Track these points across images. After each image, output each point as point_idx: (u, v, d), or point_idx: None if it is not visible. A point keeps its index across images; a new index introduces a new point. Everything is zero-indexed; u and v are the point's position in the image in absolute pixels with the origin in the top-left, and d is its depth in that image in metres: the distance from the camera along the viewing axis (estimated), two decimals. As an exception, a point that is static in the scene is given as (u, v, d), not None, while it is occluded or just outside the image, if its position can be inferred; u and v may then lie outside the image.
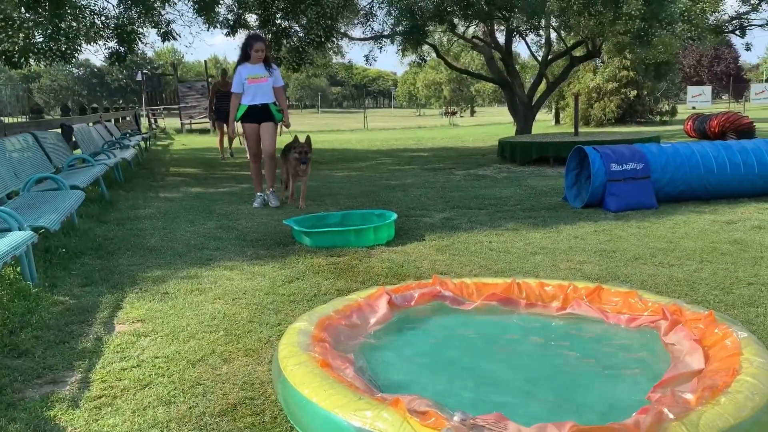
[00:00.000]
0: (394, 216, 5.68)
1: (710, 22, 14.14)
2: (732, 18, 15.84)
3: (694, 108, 31.92)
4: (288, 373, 2.37)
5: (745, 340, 2.52)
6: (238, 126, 7.62)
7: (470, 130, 28.19)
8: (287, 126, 7.38)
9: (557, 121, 30.67)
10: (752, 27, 15.59)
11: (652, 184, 6.87)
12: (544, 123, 30.67)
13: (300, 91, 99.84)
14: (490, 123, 36.15)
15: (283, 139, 7.82)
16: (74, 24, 9.65)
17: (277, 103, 7.21)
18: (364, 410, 2.03)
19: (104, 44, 10.76)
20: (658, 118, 28.79)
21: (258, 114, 7.11)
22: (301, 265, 4.72)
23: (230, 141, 13.94)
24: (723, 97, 58.57)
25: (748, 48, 19.91)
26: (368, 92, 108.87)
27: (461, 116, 54.81)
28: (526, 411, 2.30)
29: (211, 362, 2.96)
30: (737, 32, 15.74)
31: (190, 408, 2.50)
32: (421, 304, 3.43)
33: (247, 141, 7.50)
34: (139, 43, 10.86)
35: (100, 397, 2.61)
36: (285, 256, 4.98)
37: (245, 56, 7.04)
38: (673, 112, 29.87)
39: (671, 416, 1.91)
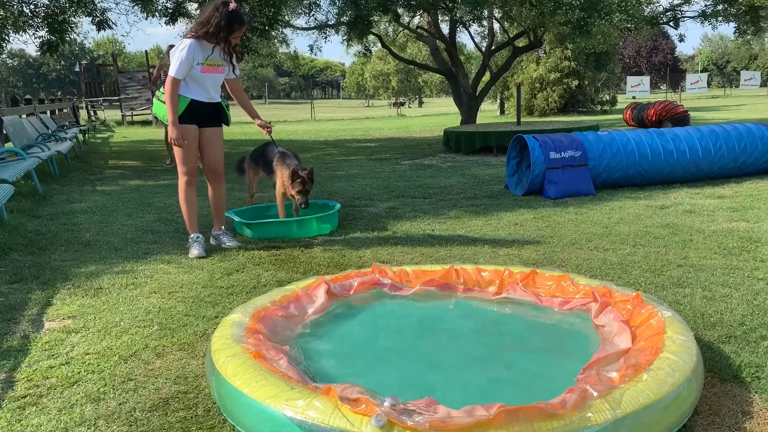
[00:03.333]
0: (338, 206, 5.66)
1: (645, 13, 14.56)
2: (666, 9, 16.37)
3: (634, 98, 32.81)
4: (220, 366, 2.33)
5: (669, 318, 2.61)
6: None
7: (417, 121, 28.32)
8: (269, 130, 5.25)
9: (502, 111, 31.11)
10: (685, 18, 16.17)
11: (589, 171, 7.04)
12: (489, 113, 31.07)
13: (246, 82, 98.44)
14: (438, 113, 36.39)
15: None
16: (0, 12, 9.22)
17: (225, 99, 5.09)
18: (296, 399, 2.02)
19: (34, 34, 10.32)
20: (599, 107, 29.55)
21: (205, 114, 4.75)
22: (241, 257, 4.66)
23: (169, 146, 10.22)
24: (661, 87, 60.43)
25: (681, 39, 20.65)
26: (316, 83, 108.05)
27: (409, 107, 55.06)
28: (460, 394, 2.33)
29: (143, 357, 2.89)
30: (671, 23, 16.27)
31: (120, 404, 2.44)
32: (360, 293, 3.43)
33: (180, 152, 4.70)
34: (72, 32, 10.45)
35: (24, 397, 2.51)
36: (225, 249, 4.90)
37: (212, 35, 4.47)
38: (614, 101, 30.71)
39: (595, 394, 1.97)
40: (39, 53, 11.02)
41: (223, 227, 5.06)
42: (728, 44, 78.76)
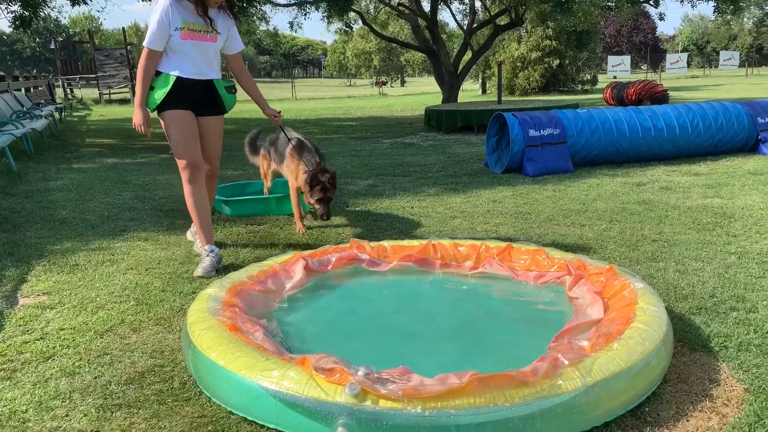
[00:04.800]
0: (316, 183, 5.63)
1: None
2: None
3: (615, 77, 32.95)
4: (195, 338, 2.33)
5: (641, 290, 2.65)
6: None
7: (399, 100, 28.20)
8: (276, 120, 4.23)
9: (483, 91, 31.08)
10: (665, -3, 16.20)
11: (568, 149, 7.08)
12: (471, 93, 31.04)
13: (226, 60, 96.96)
14: (420, 92, 36.25)
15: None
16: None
17: (231, 78, 4.07)
18: (271, 370, 2.03)
19: (6, 8, 10.09)
20: (580, 86, 29.63)
21: (199, 97, 3.78)
22: (219, 234, 4.64)
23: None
24: (642, 66, 60.69)
25: (661, 18, 20.77)
26: (297, 61, 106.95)
27: (392, 86, 54.82)
28: (434, 364, 2.35)
29: (119, 332, 2.88)
30: (651, 2, 16.32)
31: (95, 378, 2.43)
32: (339, 268, 3.44)
33: (178, 142, 3.75)
34: (45, 7, 10.22)
35: (-2, 372, 2.50)
36: (203, 225, 4.87)
37: None
38: (594, 80, 30.80)
39: (566, 362, 2.00)
40: (12, 28, 10.78)
41: (207, 243, 3.86)
42: (708, 24, 79.16)
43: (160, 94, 3.67)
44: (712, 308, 2.99)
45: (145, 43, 3.61)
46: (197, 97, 3.77)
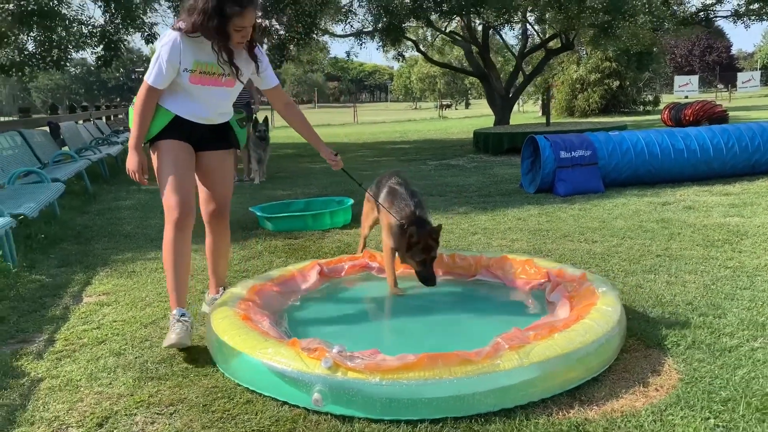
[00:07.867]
0: (351, 202, 6.15)
1: (676, 13, 14.60)
2: (699, 10, 16.30)
3: (686, 97, 32.27)
4: (214, 325, 2.84)
5: (603, 293, 2.99)
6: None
7: (457, 123, 28.62)
8: (335, 163, 3.60)
9: (544, 113, 31.06)
10: (717, 18, 16.08)
11: (599, 170, 7.33)
12: (531, 114, 31.11)
13: (297, 87, 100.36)
14: (480, 115, 36.56)
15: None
16: (64, 34, 10.21)
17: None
18: (267, 348, 2.51)
19: (92, 51, 11.32)
20: (641, 108, 29.21)
21: (198, 136, 3.23)
22: (259, 246, 5.19)
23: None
24: (718, 86, 58.91)
25: (719, 35, 20.41)
26: (365, 86, 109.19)
27: (456, 108, 55.25)
28: (412, 351, 2.77)
29: (161, 324, 3.43)
30: (703, 23, 16.22)
31: (136, 358, 2.98)
32: (351, 274, 3.90)
33: (165, 178, 3.22)
34: (123, 48, 11.37)
35: (61, 351, 3.08)
36: (246, 239, 5.44)
37: (203, 28, 2.90)
38: (656, 101, 30.26)
39: (506, 346, 2.38)
40: (95, 68, 12.01)
41: (222, 288, 3.57)
42: (790, 40, 75.86)
43: (155, 128, 3.10)
44: (683, 313, 3.27)
45: (147, 79, 3.00)
46: (197, 137, 3.21)
